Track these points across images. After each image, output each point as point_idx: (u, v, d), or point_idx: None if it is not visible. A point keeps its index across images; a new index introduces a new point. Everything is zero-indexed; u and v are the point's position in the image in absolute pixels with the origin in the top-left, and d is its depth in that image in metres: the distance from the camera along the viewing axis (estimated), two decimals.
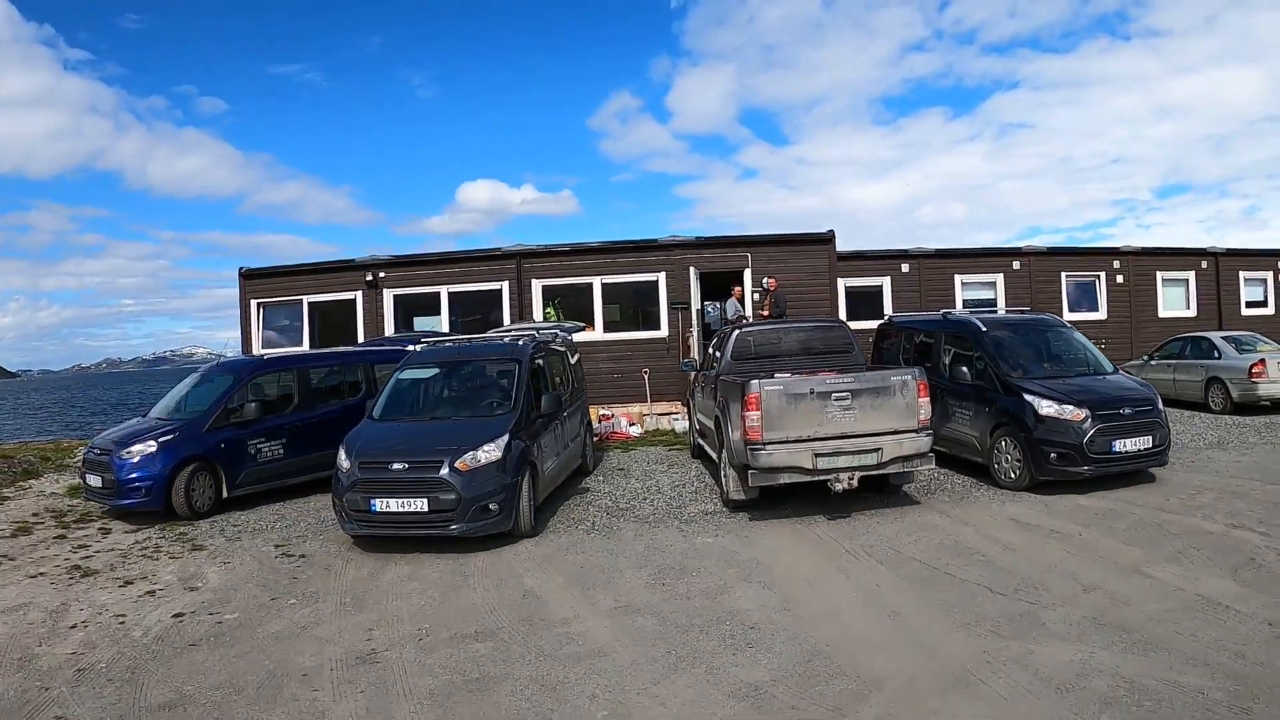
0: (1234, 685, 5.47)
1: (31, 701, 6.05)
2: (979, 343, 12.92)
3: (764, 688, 5.86)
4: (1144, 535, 9.21)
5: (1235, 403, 19.26)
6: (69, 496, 13.51)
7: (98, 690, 6.21)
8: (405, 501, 9.41)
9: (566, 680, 6.12)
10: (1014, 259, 25.53)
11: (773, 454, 10.12)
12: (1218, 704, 5.22)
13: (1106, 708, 5.26)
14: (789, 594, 7.84)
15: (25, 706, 5.97)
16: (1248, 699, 5.26)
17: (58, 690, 6.22)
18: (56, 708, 5.92)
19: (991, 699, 5.52)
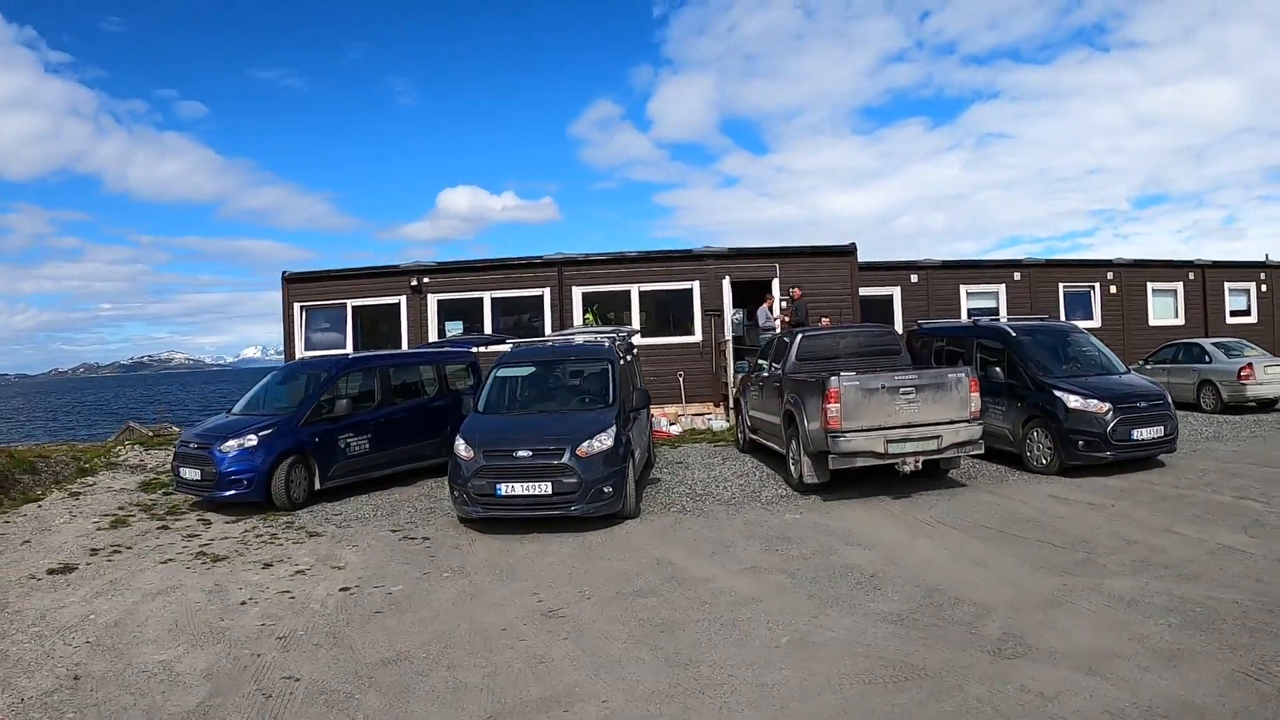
0: (1259, 599, 7.17)
1: (250, 667, 6.57)
2: (1010, 346, 14.46)
3: (904, 615, 7.19)
4: (1166, 505, 10.86)
5: (1225, 403, 21.07)
6: (144, 491, 14.13)
7: (311, 653, 6.88)
8: (530, 485, 10.49)
9: (739, 619, 7.26)
10: (1015, 270, 27.22)
11: (851, 440, 11.45)
12: (1249, 609, 6.92)
13: (1167, 613, 6.93)
14: (889, 553, 9.17)
15: (247, 670, 6.54)
16: (1271, 606, 6.99)
17: (270, 656, 6.83)
18: (280, 670, 6.53)
19: (1081, 611, 7.11)
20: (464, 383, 16.06)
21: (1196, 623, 6.67)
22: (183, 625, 7.59)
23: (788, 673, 6.08)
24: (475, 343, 17.77)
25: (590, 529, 10.65)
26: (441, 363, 15.98)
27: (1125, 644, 6.32)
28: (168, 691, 6.12)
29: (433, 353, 16.70)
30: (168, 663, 6.67)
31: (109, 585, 8.88)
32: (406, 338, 21.67)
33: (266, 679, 6.32)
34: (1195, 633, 6.47)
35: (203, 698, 5.99)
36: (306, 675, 6.37)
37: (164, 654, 6.87)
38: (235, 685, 6.21)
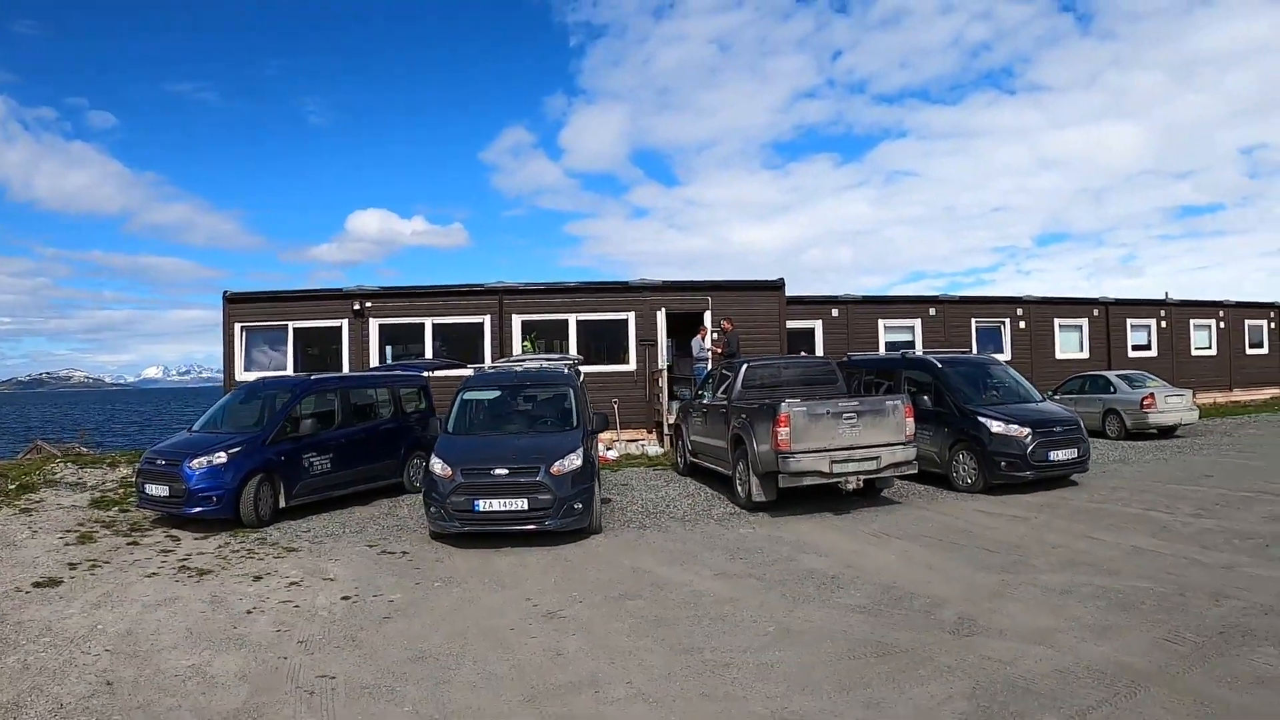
0: (1171, 587, 8.59)
1: (281, 668, 7.00)
2: (937, 377, 15.94)
3: (869, 607, 8.30)
4: (1083, 516, 12.33)
5: (1129, 430, 23.07)
6: (98, 508, 14.36)
7: (336, 654, 7.39)
8: (507, 501, 11.27)
9: (725, 614, 8.19)
10: (930, 306, 29.15)
11: (800, 461, 12.58)
12: (1164, 594, 8.32)
13: (1095, 599, 8.25)
14: (844, 559, 10.25)
15: (279, 671, 6.98)
16: (1181, 591, 8.42)
17: (297, 658, 7.29)
18: (312, 670, 7.00)
19: (1021, 600, 8.39)
20: (416, 406, 16.70)
21: (1121, 605, 7.98)
22: (197, 633, 8.01)
23: (782, 654, 7.01)
24: (427, 366, 18.40)
25: (561, 543, 11.43)
26: (396, 386, 16.62)
27: (1063, 622, 7.53)
28: (208, 693, 6.55)
29: (388, 376, 17.36)
30: (198, 666, 7.10)
31: (104, 597, 9.23)
32: (347, 361, 22.17)
33: (302, 678, 6.82)
34: (1120, 612, 7.76)
35: (246, 697, 6.46)
36: (341, 674, 6.90)
37: (191, 659, 7.28)
38: (274, 685, 6.70)
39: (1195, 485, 14.58)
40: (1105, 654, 6.68)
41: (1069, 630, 7.29)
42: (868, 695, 6.08)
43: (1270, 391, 36.94)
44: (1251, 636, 6.96)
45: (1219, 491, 13.86)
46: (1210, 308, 35.64)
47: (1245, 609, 7.70)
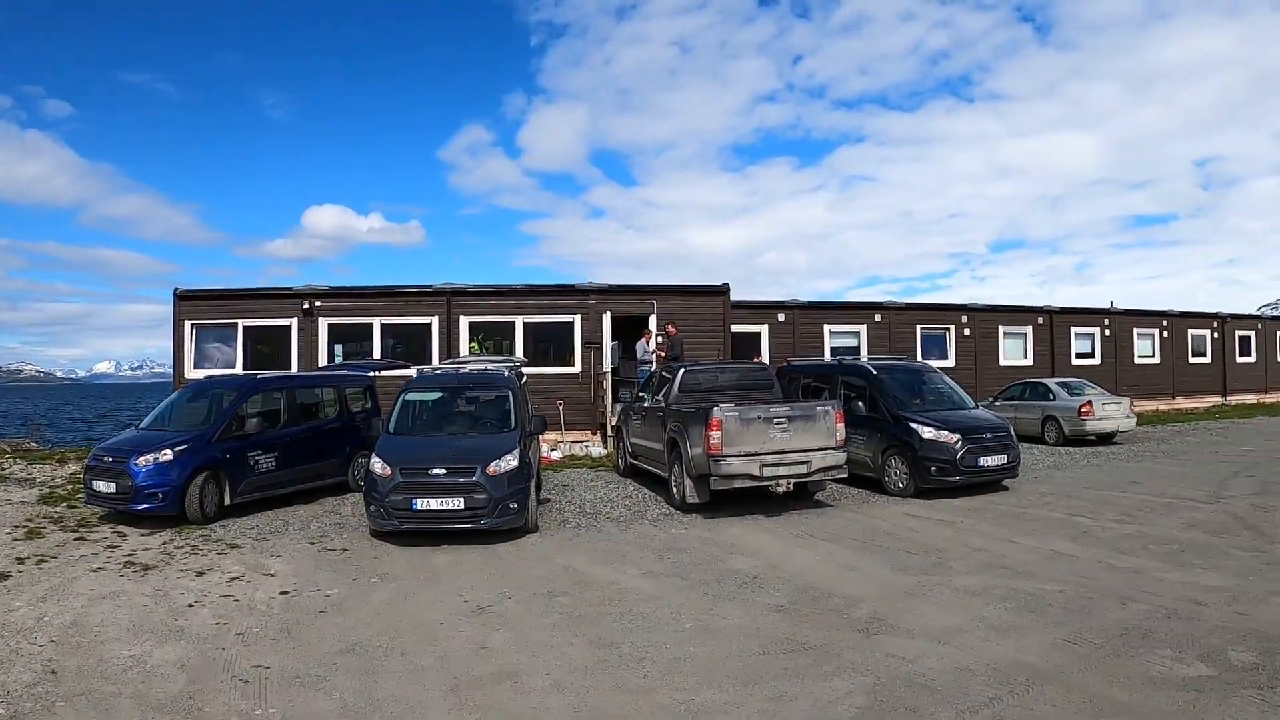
0: (1080, 590, 9.01)
1: (219, 659, 7.37)
2: (871, 382, 16.46)
3: (787, 606, 8.73)
4: (1008, 521, 12.84)
5: (1067, 437, 23.84)
6: (46, 504, 14.70)
7: (272, 646, 7.76)
8: (445, 500, 11.63)
9: (647, 611, 8.60)
10: (876, 312, 29.86)
11: (731, 464, 13.00)
12: (1072, 597, 8.73)
13: (1005, 601, 8.71)
14: (769, 560, 10.69)
15: (217, 662, 7.32)
16: (1089, 594, 8.83)
17: (235, 649, 7.64)
18: (248, 660, 7.34)
19: (934, 601, 8.83)
20: (361, 406, 17.04)
21: (1029, 607, 8.43)
22: (140, 625, 8.33)
23: (695, 649, 7.43)
24: (373, 367, 18.72)
25: (497, 541, 11.83)
26: (342, 386, 16.96)
27: (970, 623, 7.98)
28: (147, 681, 6.89)
29: (334, 376, 17.67)
30: (139, 657, 7.44)
31: (50, 591, 9.49)
32: (296, 360, 22.45)
33: (238, 668, 7.17)
34: (1027, 614, 8.21)
35: (183, 685, 6.80)
36: (275, 664, 7.26)
37: (132, 650, 7.62)
38: (210, 674, 7.04)
39: (1122, 491, 15.19)
40: (1006, 653, 7.11)
41: (975, 630, 7.73)
42: (771, 689, 6.48)
43: (1213, 400, 37.99)
44: (1150, 638, 7.39)
45: (1144, 498, 14.45)
46: (1154, 317, 36.66)
47: (1149, 612, 8.11)
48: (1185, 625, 7.72)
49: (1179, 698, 6.13)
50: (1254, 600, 8.43)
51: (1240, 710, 5.89)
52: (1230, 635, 7.39)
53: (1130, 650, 7.14)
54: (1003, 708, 6.06)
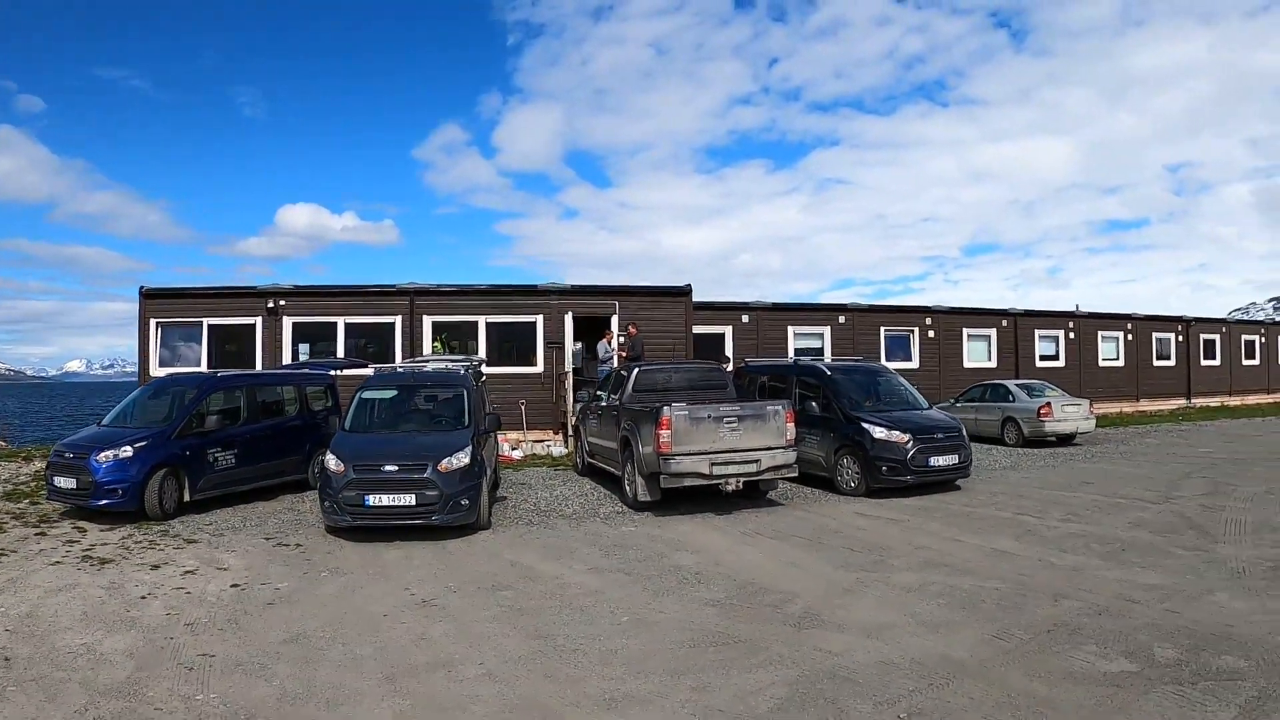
0: (1017, 587, 9.28)
1: (167, 647, 7.66)
2: (825, 383, 16.83)
3: (723, 601, 8.99)
4: (955, 520, 13.14)
5: (1026, 438, 24.20)
6: (9, 500, 14.96)
7: (219, 636, 8.04)
8: (396, 496, 11.90)
9: (586, 605, 8.89)
10: (840, 314, 30.29)
11: (681, 462, 13.32)
12: (1007, 594, 9.01)
13: (940, 597, 8.94)
14: (713, 556, 10.98)
15: (164, 650, 7.59)
16: (1024, 592, 9.08)
17: (182, 638, 7.93)
18: (194, 649, 7.63)
19: (870, 597, 9.08)
20: (322, 404, 17.28)
21: (962, 603, 8.67)
22: (93, 616, 8.59)
23: (628, 641, 7.71)
24: (334, 365, 18.97)
25: (449, 538, 12.10)
26: (302, 384, 17.20)
27: (902, 618, 8.24)
28: (96, 668, 7.15)
29: (294, 374, 17.91)
30: (89, 645, 7.69)
31: (8, 583, 9.75)
32: (261, 358, 22.67)
33: (184, 656, 7.43)
34: (960, 610, 8.46)
35: (130, 671, 7.07)
36: (220, 652, 7.52)
37: (84, 639, 7.87)
38: (157, 661, 7.31)
39: (1073, 491, 15.57)
40: (933, 648, 7.37)
41: (905, 626, 8.00)
42: (696, 680, 6.75)
43: (1176, 402, 38.61)
44: (1078, 634, 7.64)
45: (1093, 498, 14.82)
46: (1119, 320, 37.27)
47: (1081, 609, 8.35)
48: (1115, 622, 7.94)
49: (1097, 692, 6.32)
50: (1188, 598, 8.67)
51: (1158, 705, 6.08)
52: (1158, 632, 7.61)
53: (1056, 646, 7.36)
54: (920, 700, 6.29)
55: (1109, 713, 6.00)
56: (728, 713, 6.10)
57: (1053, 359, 34.67)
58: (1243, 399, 41.62)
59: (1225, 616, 8.03)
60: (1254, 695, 6.18)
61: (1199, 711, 5.96)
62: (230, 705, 6.36)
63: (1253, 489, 15.30)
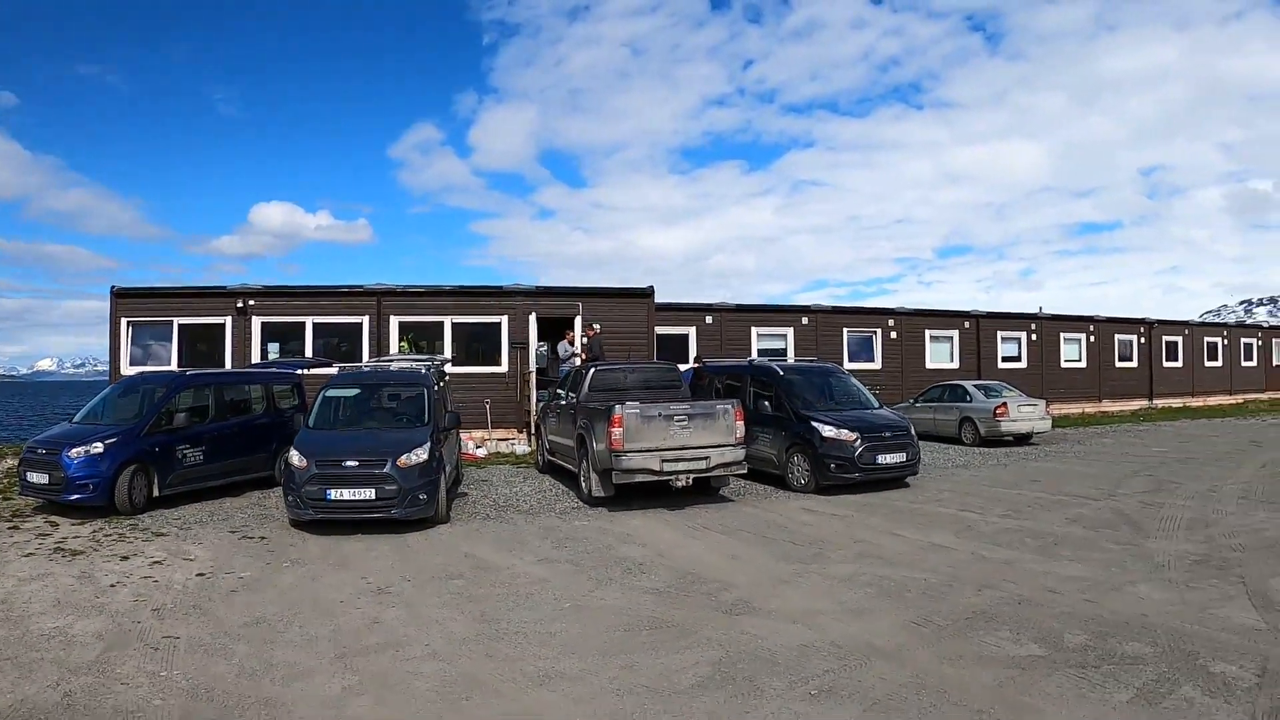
0: (944, 578, 9.83)
1: (134, 630, 8.24)
2: (777, 383, 17.43)
3: (663, 589, 9.58)
4: (898, 516, 13.73)
5: (983, 437, 24.89)
6: None
7: (184, 619, 8.61)
8: (357, 491, 12.50)
9: (532, 593, 9.50)
10: (803, 315, 31.00)
11: (632, 459, 13.93)
12: (934, 585, 9.53)
13: (868, 587, 9.52)
14: (659, 549, 11.58)
15: (132, 633, 8.16)
16: (951, 582, 9.62)
17: (149, 622, 8.49)
18: (160, 631, 8.20)
19: (802, 587, 9.65)
20: (289, 402, 17.83)
21: (889, 593, 9.23)
22: (65, 602, 9.15)
23: (567, 625, 8.31)
24: (301, 365, 19.52)
25: (408, 531, 12.68)
26: (269, 383, 17.78)
27: (829, 606, 8.83)
28: (68, 649, 7.69)
29: (262, 373, 18.48)
30: (61, 629, 8.24)
31: None
32: (230, 357, 23.17)
33: (150, 638, 7.99)
34: (886, 599, 9.01)
35: (100, 651, 7.61)
36: (184, 634, 8.09)
37: (56, 623, 8.42)
38: (125, 643, 7.86)
39: (1018, 489, 16.20)
40: (853, 633, 7.93)
41: (832, 613, 8.58)
42: (625, 660, 7.33)
43: (1139, 403, 39.41)
44: (994, 621, 8.08)
45: (1037, 495, 15.44)
46: (1081, 322, 38.09)
47: (1003, 599, 8.83)
48: (1032, 611, 8.40)
49: (1002, 674, 6.75)
50: (1108, 589, 9.13)
51: (1058, 686, 6.48)
52: (1072, 620, 8.04)
53: (971, 632, 7.81)
54: (833, 679, 6.81)
55: (1010, 692, 6.42)
56: (651, 688, 6.67)
57: (1015, 360, 35.44)
58: (1205, 400, 42.49)
59: (1141, 607, 8.48)
60: (1153, 678, 6.59)
61: (1097, 692, 6.38)
62: (192, 681, 6.92)
63: (1196, 487, 15.87)
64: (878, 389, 27.24)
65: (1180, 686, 6.46)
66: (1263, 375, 47.28)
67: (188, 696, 6.60)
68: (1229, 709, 6.05)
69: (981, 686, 6.56)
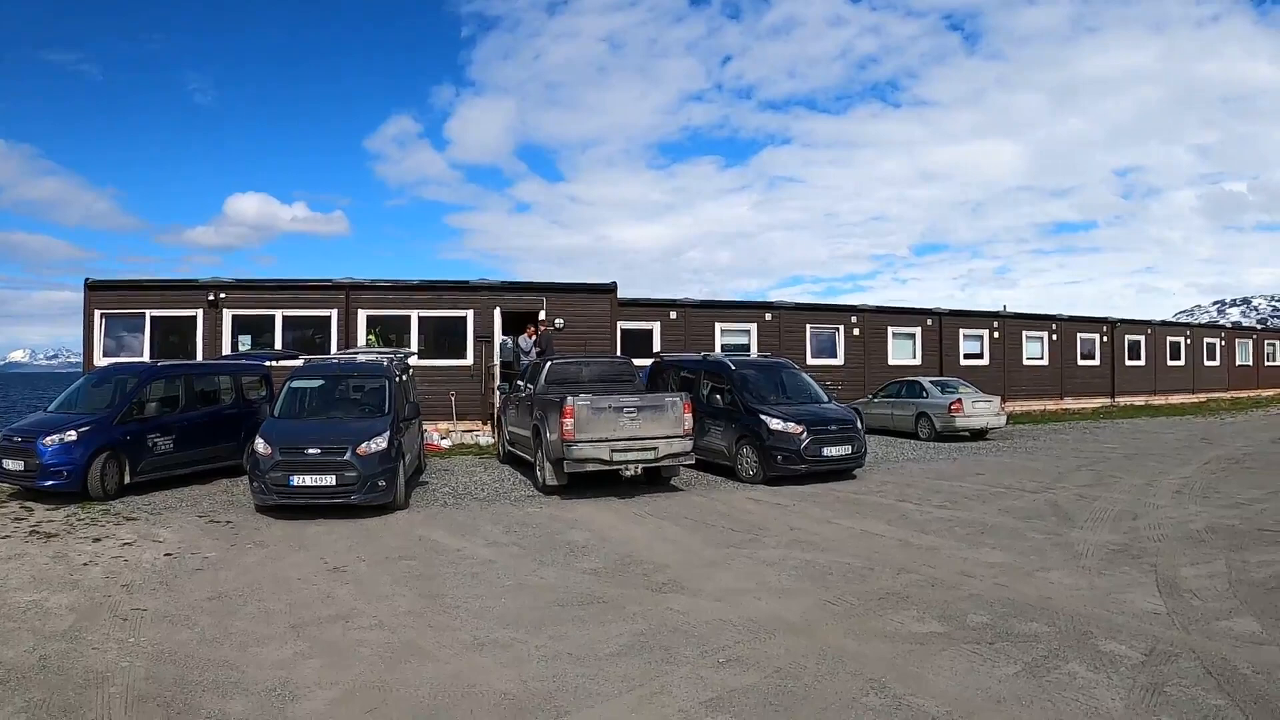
0: (867, 562, 10.56)
1: (105, 604, 8.98)
2: (729, 377, 18.24)
3: (600, 569, 10.38)
4: (837, 505, 14.54)
5: (938, 432, 25.82)
6: None
7: (151, 594, 9.37)
8: (318, 477, 13.28)
9: (477, 572, 10.30)
10: (766, 312, 31.81)
11: (582, 449, 14.77)
12: (856, 568, 10.28)
13: (794, 569, 10.26)
14: (602, 534, 12.40)
15: (103, 606, 8.88)
16: (872, 566, 10.36)
17: (119, 596, 9.26)
18: (129, 604, 8.95)
19: (733, 569, 10.36)
20: (257, 393, 18.58)
21: (811, 575, 9.95)
22: (40, 579, 9.88)
23: (506, 601, 9.09)
24: (269, 357, 20.26)
25: (367, 516, 13.46)
26: (238, 374, 18.57)
27: (753, 586, 9.57)
28: (43, 620, 8.41)
29: (231, 365, 19.23)
30: (38, 602, 8.97)
31: None
32: (201, 349, 23.80)
33: (120, 610, 8.73)
34: (807, 581, 9.72)
35: (73, 621, 8.34)
36: (151, 607, 8.84)
37: (32, 597, 9.15)
38: (97, 614, 8.59)
39: (960, 482, 17.04)
40: (770, 610, 8.65)
41: (754, 592, 9.32)
42: (554, 631, 8.07)
43: (1101, 401, 40.33)
44: (905, 602, 8.68)
45: (977, 488, 16.24)
46: (1043, 320, 39.04)
47: (918, 581, 9.47)
48: (943, 593, 9.00)
49: (901, 648, 7.32)
50: (1021, 575, 9.73)
51: (951, 660, 7.01)
52: (979, 602, 8.64)
53: (880, 611, 8.44)
54: (742, 650, 7.52)
55: (903, 664, 6.98)
56: (574, 655, 7.42)
57: (977, 358, 36.31)
58: (1167, 398, 43.48)
59: (1049, 591, 9.06)
60: (1043, 654, 7.13)
61: (986, 666, 6.90)
62: (157, 647, 7.65)
63: (1134, 481, 16.62)
64: (839, 385, 28.49)
65: (1068, 662, 6.97)
66: (1225, 375, 48.45)
67: (152, 660, 7.32)
68: (1109, 683, 6.54)
69: (878, 658, 7.13)
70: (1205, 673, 6.76)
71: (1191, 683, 6.58)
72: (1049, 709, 6.17)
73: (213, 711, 6.21)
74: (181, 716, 6.14)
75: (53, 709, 6.25)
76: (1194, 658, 7.10)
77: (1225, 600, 8.74)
